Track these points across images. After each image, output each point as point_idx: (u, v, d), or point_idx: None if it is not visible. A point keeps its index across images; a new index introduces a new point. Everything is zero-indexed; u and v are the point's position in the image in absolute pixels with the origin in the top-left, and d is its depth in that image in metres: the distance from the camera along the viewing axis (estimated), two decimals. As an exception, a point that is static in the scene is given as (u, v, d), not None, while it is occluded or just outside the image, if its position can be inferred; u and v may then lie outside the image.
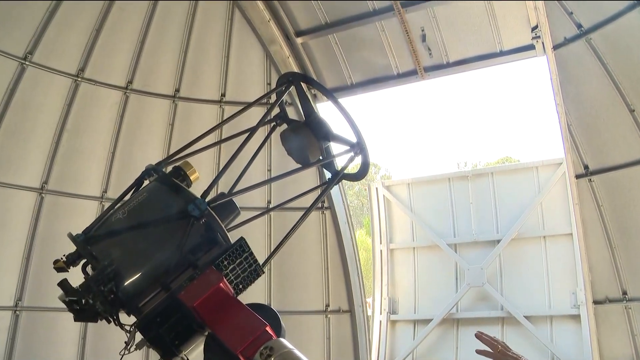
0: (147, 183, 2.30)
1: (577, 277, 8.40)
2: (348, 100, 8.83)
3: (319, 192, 2.76)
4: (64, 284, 2.02)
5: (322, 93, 2.79)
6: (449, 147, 51.23)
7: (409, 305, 9.89)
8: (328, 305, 8.52)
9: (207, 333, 2.03)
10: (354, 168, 2.68)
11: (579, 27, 6.63)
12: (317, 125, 2.53)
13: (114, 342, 2.39)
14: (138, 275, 2.07)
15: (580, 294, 8.17)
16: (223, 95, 8.28)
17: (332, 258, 8.57)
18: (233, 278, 2.14)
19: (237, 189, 2.38)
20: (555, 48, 6.85)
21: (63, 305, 2.04)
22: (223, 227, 2.18)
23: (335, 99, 2.54)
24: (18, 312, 7.27)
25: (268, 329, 1.95)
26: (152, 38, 7.80)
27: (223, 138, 3.72)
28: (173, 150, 3.60)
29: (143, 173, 2.30)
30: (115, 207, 2.20)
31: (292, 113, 5.85)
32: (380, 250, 10.22)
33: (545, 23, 6.76)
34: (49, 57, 7.20)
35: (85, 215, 7.52)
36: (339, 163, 2.68)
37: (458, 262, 9.52)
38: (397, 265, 10.13)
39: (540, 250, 9.01)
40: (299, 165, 2.57)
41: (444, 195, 9.86)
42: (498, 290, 9.16)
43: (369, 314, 9.49)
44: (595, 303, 7.27)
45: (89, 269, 2.11)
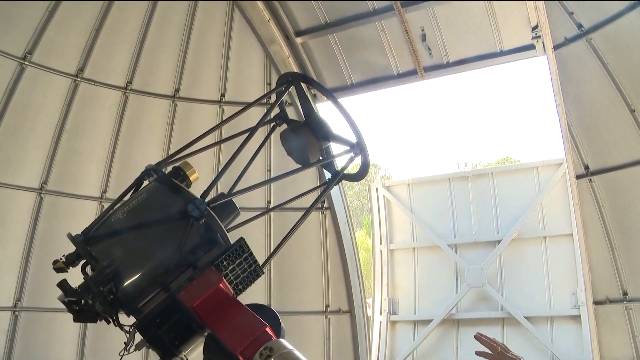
0: (146, 183, 2.30)
1: (577, 277, 8.40)
2: (348, 100, 8.84)
3: (319, 192, 2.76)
4: (64, 285, 2.01)
5: (321, 93, 2.79)
6: (449, 147, 51.25)
7: (409, 306, 9.88)
8: (328, 306, 8.52)
9: (206, 333, 2.02)
10: (354, 168, 2.68)
11: (580, 27, 6.63)
12: (317, 126, 2.53)
13: (114, 342, 2.38)
14: (138, 276, 2.07)
15: (581, 295, 8.16)
16: (223, 95, 8.28)
17: (332, 258, 8.56)
18: (233, 278, 2.13)
19: (236, 189, 2.38)
20: (556, 48, 6.85)
21: (62, 306, 2.03)
22: (223, 227, 2.19)
23: (335, 99, 2.54)
24: (17, 312, 7.26)
25: (268, 330, 1.95)
26: (151, 38, 7.80)
27: (223, 138, 3.73)
28: (173, 151, 3.60)
29: (143, 173, 2.30)
30: (115, 207, 2.20)
31: (292, 113, 5.85)
32: (380, 251, 10.21)
33: (546, 23, 6.76)
34: (49, 57, 7.19)
35: (85, 216, 7.51)
36: (339, 163, 2.68)
37: (458, 262, 9.51)
38: (397, 266, 10.13)
39: (541, 251, 9.00)
40: (299, 166, 2.57)
41: (444, 196, 9.85)
42: (498, 291, 9.16)
43: (369, 315, 9.48)
44: (596, 303, 7.26)
45: (89, 270, 2.10)
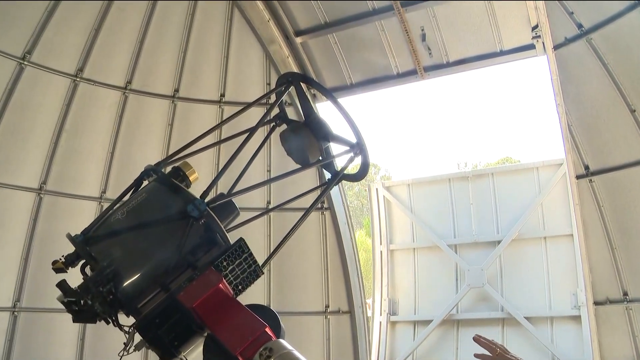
0: (146, 183, 2.29)
1: (577, 278, 8.39)
2: (347, 100, 8.84)
3: (319, 192, 2.75)
4: (63, 285, 2.01)
5: (321, 93, 2.79)
6: (449, 147, 51.26)
7: (409, 306, 9.87)
8: (328, 306, 8.51)
9: (206, 334, 2.02)
10: (354, 168, 2.67)
11: (580, 27, 6.62)
12: (316, 126, 2.53)
13: (113, 343, 2.37)
14: (137, 276, 2.06)
15: (581, 295, 8.15)
16: (222, 96, 8.27)
17: (331, 259, 8.55)
18: (232, 279, 2.13)
19: (236, 190, 2.38)
20: (556, 48, 6.84)
21: (62, 306, 2.03)
22: (222, 227, 2.18)
23: (335, 99, 2.53)
24: (16, 313, 7.25)
25: (267, 330, 1.95)
26: (151, 38, 7.79)
27: (222, 138, 3.72)
28: (172, 151, 3.60)
29: (142, 173, 2.30)
30: (115, 207, 2.20)
31: (291, 113, 5.85)
32: (380, 251, 10.20)
33: (546, 23, 6.76)
34: (48, 57, 7.19)
35: (84, 216, 7.50)
36: (339, 163, 2.68)
37: (458, 263, 9.51)
38: (397, 266, 10.12)
39: (541, 251, 8.99)
40: (299, 166, 2.56)
41: (444, 196, 9.85)
42: (498, 291, 9.15)
43: (369, 315, 9.47)
44: (596, 304, 7.25)
45: (88, 270, 2.10)
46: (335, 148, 2.61)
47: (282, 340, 1.94)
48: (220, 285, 2.04)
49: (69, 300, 2.00)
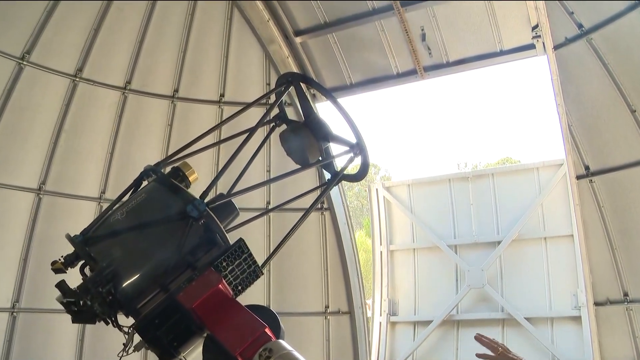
0: (145, 184, 2.29)
1: (577, 278, 8.38)
2: (347, 100, 8.83)
3: (319, 192, 2.74)
4: (62, 286, 2.00)
5: (321, 93, 2.78)
6: (449, 148, 51.31)
7: (409, 307, 9.86)
8: (327, 307, 8.50)
9: (206, 334, 2.01)
10: (354, 169, 2.66)
11: (580, 27, 6.62)
12: (316, 126, 2.53)
13: (112, 343, 2.37)
14: (136, 277, 2.06)
15: (581, 296, 8.14)
16: (222, 96, 8.26)
17: (331, 259, 8.55)
18: (232, 279, 2.13)
19: (236, 190, 2.37)
20: (556, 48, 6.84)
21: (61, 307, 2.02)
22: (222, 228, 2.18)
23: (335, 99, 2.53)
24: (15, 313, 7.24)
25: (267, 331, 1.95)
26: (150, 38, 7.79)
27: (222, 138, 3.72)
28: (172, 151, 3.59)
29: (142, 174, 2.30)
30: (114, 208, 2.19)
31: (291, 113, 5.83)
32: (380, 252, 10.20)
33: (546, 23, 6.75)
34: (47, 57, 7.18)
35: (84, 216, 7.49)
36: (339, 164, 2.67)
37: (458, 263, 9.50)
38: (397, 267, 10.11)
39: (541, 252, 8.99)
40: (299, 166, 2.56)
41: (444, 197, 9.84)
42: (498, 292, 9.14)
43: (369, 316, 9.47)
44: (596, 304, 7.25)
45: (87, 270, 2.09)
46: (335, 148, 2.61)
47: (281, 341, 1.94)
48: (220, 286, 2.04)
49: (68, 301, 2.00)
